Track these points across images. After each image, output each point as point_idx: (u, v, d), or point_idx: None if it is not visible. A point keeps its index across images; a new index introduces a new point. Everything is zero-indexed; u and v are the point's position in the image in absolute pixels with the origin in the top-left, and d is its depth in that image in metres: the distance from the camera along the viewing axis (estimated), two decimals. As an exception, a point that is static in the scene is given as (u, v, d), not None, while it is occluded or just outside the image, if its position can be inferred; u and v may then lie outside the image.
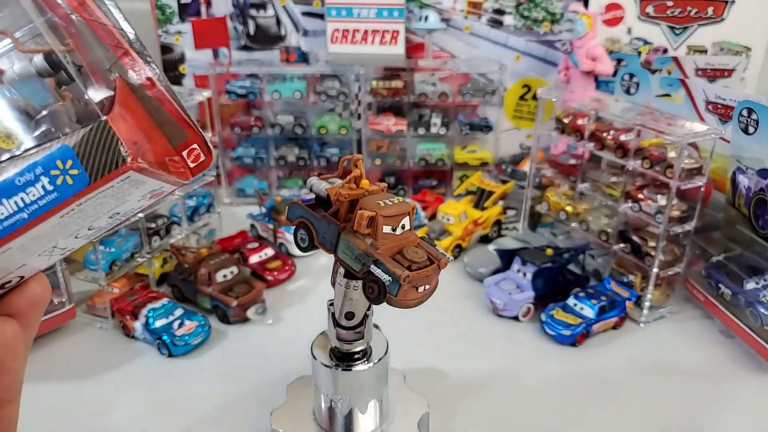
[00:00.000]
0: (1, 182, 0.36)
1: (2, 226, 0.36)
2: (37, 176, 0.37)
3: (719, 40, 1.38)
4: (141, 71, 0.43)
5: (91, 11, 0.43)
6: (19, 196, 0.36)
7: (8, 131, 0.39)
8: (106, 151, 0.38)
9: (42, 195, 0.37)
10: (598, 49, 1.32)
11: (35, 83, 0.40)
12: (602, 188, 1.10)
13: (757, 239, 0.97)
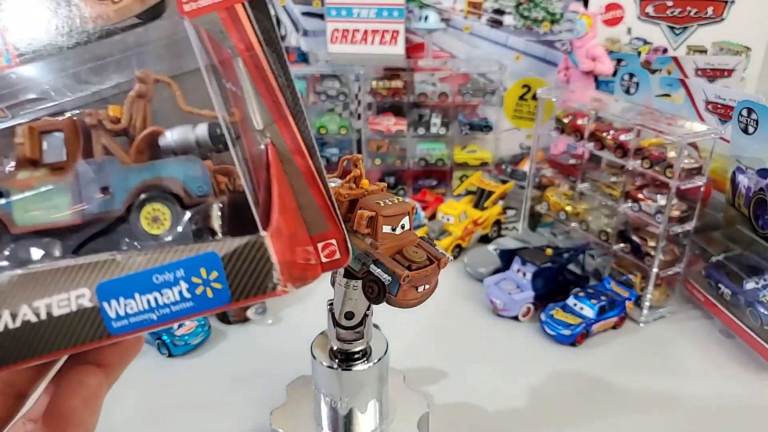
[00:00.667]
0: (138, 274, 0.33)
1: (128, 321, 0.34)
2: (176, 279, 0.34)
3: (719, 40, 1.38)
4: (294, 140, 0.40)
5: (257, 59, 0.40)
6: (153, 294, 0.33)
7: (157, 214, 0.37)
8: (256, 273, 0.34)
9: (176, 301, 0.34)
10: (598, 49, 1.32)
11: (195, 166, 0.37)
12: (602, 188, 1.10)
13: (756, 239, 0.97)
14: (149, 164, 0.37)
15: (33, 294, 0.33)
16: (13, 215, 0.36)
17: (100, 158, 0.37)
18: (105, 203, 0.36)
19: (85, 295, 0.33)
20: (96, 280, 0.33)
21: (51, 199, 0.36)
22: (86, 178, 0.36)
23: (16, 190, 0.36)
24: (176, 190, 0.36)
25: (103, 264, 0.33)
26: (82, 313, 0.33)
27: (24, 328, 0.33)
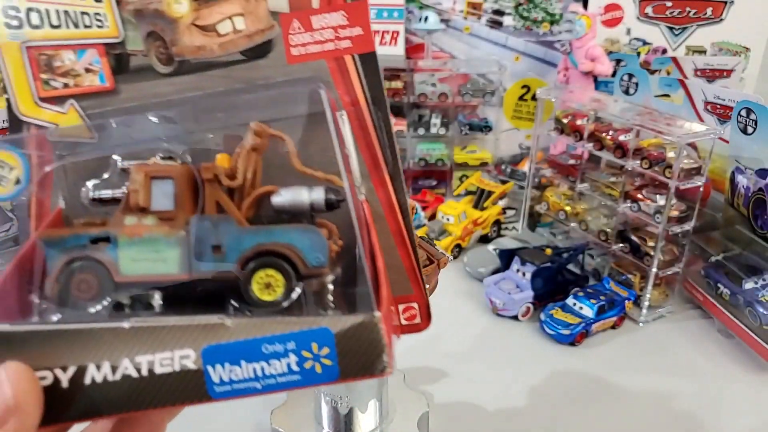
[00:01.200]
0: (247, 341, 0.33)
1: (231, 387, 0.33)
2: (286, 351, 0.33)
3: (718, 40, 1.38)
4: (389, 200, 0.40)
5: (362, 115, 0.41)
6: (260, 364, 0.33)
7: (270, 280, 0.36)
8: (368, 354, 0.34)
9: (283, 373, 0.33)
10: (597, 50, 1.32)
11: (314, 236, 0.36)
12: (601, 188, 1.10)
13: (755, 239, 0.97)
14: (266, 228, 0.36)
15: (136, 349, 0.33)
16: (119, 263, 0.35)
17: (214, 215, 0.36)
18: (216, 262, 0.35)
19: (189, 357, 0.33)
20: (202, 342, 0.33)
21: (160, 251, 0.35)
22: (199, 233, 0.36)
23: (124, 238, 0.36)
24: (292, 258, 0.36)
25: (211, 327, 0.33)
26: (184, 374, 0.33)
27: (123, 383, 0.32)
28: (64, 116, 0.40)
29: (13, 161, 0.36)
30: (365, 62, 0.41)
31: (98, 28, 0.41)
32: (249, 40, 0.41)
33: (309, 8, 0.40)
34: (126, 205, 0.37)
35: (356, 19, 0.40)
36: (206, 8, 0.41)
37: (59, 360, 0.32)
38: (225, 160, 0.37)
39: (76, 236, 0.35)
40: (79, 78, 0.41)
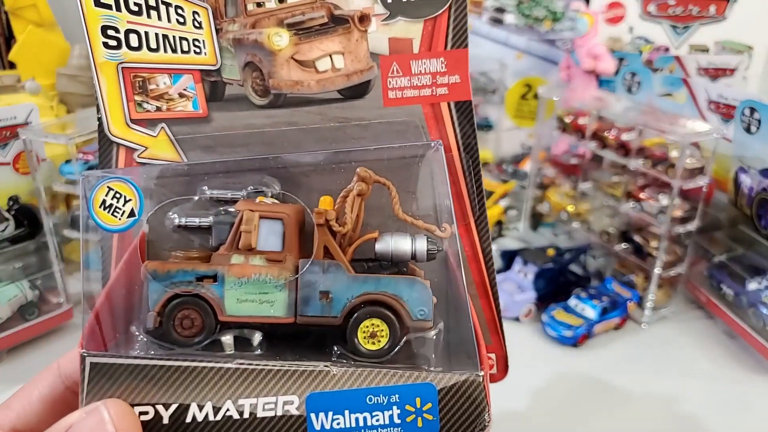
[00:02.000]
0: (352, 391, 0.33)
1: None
2: (389, 404, 0.34)
3: (721, 39, 1.37)
4: (473, 248, 0.40)
5: (452, 162, 0.41)
6: (363, 414, 0.33)
7: (376, 330, 0.36)
8: (470, 412, 0.35)
9: (385, 425, 0.34)
10: (600, 48, 1.31)
11: (421, 289, 0.37)
12: (604, 188, 1.09)
13: (759, 239, 0.96)
14: (375, 277, 0.36)
15: (240, 391, 0.33)
16: (224, 303, 0.35)
17: (325, 261, 0.36)
18: (323, 308, 0.36)
19: (293, 403, 0.33)
20: (307, 389, 0.33)
21: (267, 293, 0.36)
22: (309, 278, 0.36)
23: (231, 277, 0.36)
24: (398, 309, 0.36)
25: (317, 374, 0.33)
26: (286, 419, 0.33)
27: (224, 423, 0.33)
28: (154, 139, 0.41)
29: (129, 193, 0.36)
30: (460, 110, 0.41)
31: (196, 54, 0.41)
32: (347, 79, 0.41)
33: (410, 52, 0.41)
34: (233, 243, 0.36)
35: (455, 68, 0.41)
36: (306, 44, 0.41)
37: (162, 396, 0.33)
38: (329, 203, 0.38)
39: (184, 272, 0.36)
40: (172, 102, 0.41)
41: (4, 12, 1.28)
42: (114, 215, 0.37)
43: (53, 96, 1.14)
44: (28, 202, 0.89)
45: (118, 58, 0.40)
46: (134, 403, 0.33)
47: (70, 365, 0.39)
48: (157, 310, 0.35)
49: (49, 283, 0.92)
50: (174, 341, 0.35)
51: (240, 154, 0.41)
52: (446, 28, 0.41)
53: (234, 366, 0.33)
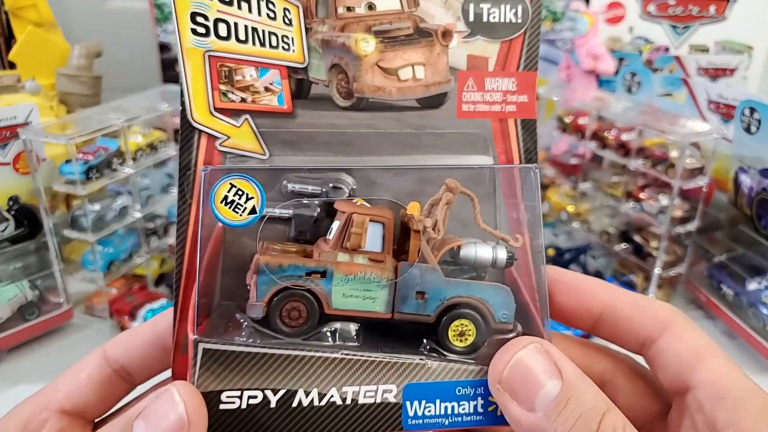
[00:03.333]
0: (444, 383, 0.37)
1: (422, 421, 0.37)
2: (475, 394, 0.38)
3: (721, 39, 1.37)
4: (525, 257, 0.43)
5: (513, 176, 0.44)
6: (451, 404, 0.37)
7: (464, 329, 0.40)
8: None
9: (469, 413, 0.38)
10: (600, 48, 1.31)
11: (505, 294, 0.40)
12: (604, 188, 1.09)
13: (759, 239, 0.96)
14: (465, 282, 0.40)
15: (344, 379, 0.36)
16: (331, 297, 0.38)
17: (422, 265, 0.39)
18: (418, 306, 0.39)
19: (392, 391, 0.37)
20: (405, 379, 0.37)
21: (371, 290, 0.39)
22: (407, 279, 0.39)
23: (339, 274, 0.38)
24: (485, 312, 0.40)
25: (414, 366, 0.37)
26: (384, 406, 0.37)
27: (327, 408, 0.36)
28: (237, 129, 0.41)
29: (251, 191, 0.37)
30: (525, 128, 0.44)
31: (284, 50, 0.41)
32: (425, 89, 0.44)
33: (485, 70, 0.44)
34: (340, 241, 0.39)
35: (524, 88, 0.44)
36: (391, 52, 0.43)
37: (271, 382, 0.36)
38: (417, 209, 0.41)
39: (295, 267, 0.38)
40: (257, 95, 0.41)
41: (4, 12, 1.28)
42: (235, 211, 0.37)
43: (53, 96, 1.14)
44: (28, 202, 0.89)
45: (206, 45, 0.40)
46: (243, 388, 0.35)
47: (115, 350, 0.41)
48: (266, 301, 0.37)
49: (49, 283, 0.92)
50: (279, 330, 0.38)
51: (321, 151, 0.42)
52: (520, 51, 0.44)
53: (339, 356, 0.36)
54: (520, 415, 0.34)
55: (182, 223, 0.40)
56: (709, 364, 0.38)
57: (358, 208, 0.40)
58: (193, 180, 0.40)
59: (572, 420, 0.33)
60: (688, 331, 0.40)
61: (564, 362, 0.36)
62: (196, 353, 0.35)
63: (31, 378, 0.85)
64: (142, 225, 1.03)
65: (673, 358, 0.39)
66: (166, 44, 1.47)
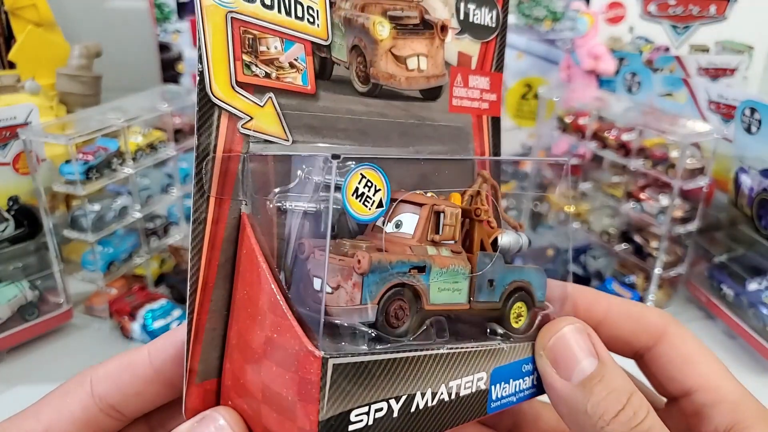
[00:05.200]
0: (516, 362, 0.39)
1: (500, 402, 0.38)
2: (532, 370, 0.40)
3: (722, 38, 1.37)
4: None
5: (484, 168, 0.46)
6: (518, 381, 0.39)
7: (520, 311, 0.41)
8: None
9: (528, 387, 0.40)
10: (600, 48, 1.31)
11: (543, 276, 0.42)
12: (604, 188, 1.09)
13: (759, 240, 0.96)
14: (519, 267, 0.41)
15: (450, 374, 0.36)
16: (429, 292, 0.37)
17: (490, 254, 0.40)
18: (489, 294, 0.40)
19: (483, 379, 0.37)
20: (491, 365, 0.38)
21: (458, 281, 0.38)
22: (483, 269, 0.40)
23: (436, 268, 0.37)
24: (532, 293, 0.42)
25: (494, 351, 0.38)
26: (477, 394, 0.37)
27: (438, 407, 0.35)
28: (261, 110, 0.37)
29: (379, 182, 0.34)
30: (494, 124, 0.47)
31: (309, 23, 0.38)
32: (427, 81, 0.44)
33: (469, 67, 0.46)
34: (425, 234, 0.38)
35: (495, 87, 0.47)
36: (402, 40, 0.43)
37: (394, 390, 0.33)
38: (458, 199, 0.42)
39: (402, 263, 0.36)
40: (282, 71, 0.37)
41: (4, 12, 1.28)
42: (365, 204, 0.34)
43: (53, 96, 1.14)
44: (27, 203, 0.88)
45: (229, 4, 0.35)
46: (371, 402, 0.32)
47: (103, 386, 0.37)
48: (377, 300, 0.35)
49: (48, 283, 0.92)
50: (388, 332, 0.36)
51: (340, 138, 0.40)
52: (493, 53, 0.47)
53: (446, 351, 0.36)
54: (557, 382, 0.37)
55: (198, 222, 0.35)
56: (703, 370, 0.40)
57: (435, 200, 0.39)
58: (212, 168, 0.35)
59: (604, 393, 0.35)
60: (681, 337, 0.42)
61: (601, 346, 0.38)
62: (325, 373, 0.30)
63: (31, 378, 0.85)
64: (142, 225, 1.03)
65: (667, 364, 0.41)
66: (166, 44, 1.47)
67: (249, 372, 0.34)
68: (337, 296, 0.34)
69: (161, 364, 0.37)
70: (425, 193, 0.41)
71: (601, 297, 0.44)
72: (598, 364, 0.37)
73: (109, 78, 1.19)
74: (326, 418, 0.30)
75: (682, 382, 0.40)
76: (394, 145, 0.43)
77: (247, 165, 0.36)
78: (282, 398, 0.32)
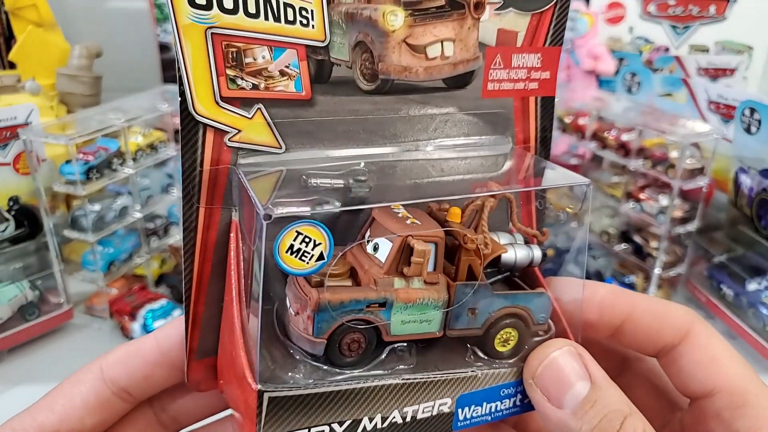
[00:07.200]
0: (491, 388, 0.38)
1: (470, 421, 0.38)
2: (515, 392, 0.39)
3: (721, 39, 1.37)
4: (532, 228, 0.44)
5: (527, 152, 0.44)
6: (496, 403, 0.39)
7: (508, 336, 0.40)
8: None
9: (509, 407, 0.39)
10: (600, 48, 1.31)
11: (544, 299, 0.40)
12: (604, 188, 1.09)
13: (759, 240, 0.96)
14: (512, 294, 0.40)
15: (405, 401, 0.36)
16: (390, 326, 0.37)
17: (473, 282, 0.38)
18: (469, 322, 0.39)
19: (446, 403, 0.37)
20: (458, 392, 0.37)
21: (427, 313, 0.37)
22: (462, 299, 0.38)
23: (399, 303, 0.37)
24: (527, 318, 0.40)
25: (466, 379, 0.37)
26: (438, 417, 0.37)
27: (389, 428, 0.36)
28: (249, 122, 0.35)
29: (319, 237, 0.33)
30: (544, 105, 0.43)
31: (302, 26, 0.35)
32: (453, 68, 0.40)
33: (513, 46, 0.41)
34: (395, 266, 0.37)
35: (548, 64, 0.42)
36: (421, 26, 0.38)
37: (337, 416, 0.35)
38: (457, 215, 0.39)
39: (357, 301, 0.36)
40: (271, 81, 0.35)
41: (4, 12, 1.28)
42: (302, 260, 0.33)
43: (53, 96, 1.14)
44: (28, 203, 0.89)
45: (208, 20, 0.32)
46: (311, 426, 0.34)
47: (114, 370, 0.39)
48: (326, 336, 0.36)
49: (49, 283, 0.93)
50: (337, 362, 0.37)
51: (342, 142, 0.38)
52: (549, 25, 0.41)
53: (400, 381, 0.36)
54: (549, 410, 0.36)
55: (189, 230, 0.36)
56: (727, 372, 0.39)
57: (409, 228, 0.37)
58: (200, 182, 0.35)
59: (597, 419, 0.35)
60: (706, 337, 0.40)
61: (594, 366, 0.37)
62: (261, 403, 0.33)
63: (31, 378, 0.85)
64: (143, 225, 1.03)
65: (691, 364, 0.40)
66: (166, 44, 1.47)
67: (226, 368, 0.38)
68: (298, 321, 0.36)
69: (168, 348, 0.39)
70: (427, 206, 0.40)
71: (626, 294, 0.43)
72: (591, 387, 0.35)
73: (109, 78, 1.19)
74: None
75: (705, 382, 0.39)
76: (407, 142, 0.40)
77: (234, 176, 0.36)
78: (240, 403, 0.35)
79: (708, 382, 0.38)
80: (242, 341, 0.34)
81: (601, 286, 0.44)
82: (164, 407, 0.42)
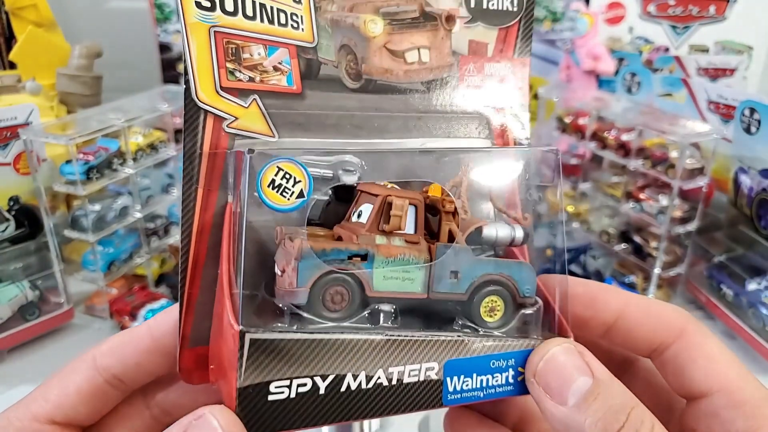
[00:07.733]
0: (480, 357, 0.38)
1: (460, 395, 0.38)
2: (507, 366, 0.39)
3: (721, 39, 1.37)
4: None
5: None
6: (487, 376, 0.38)
7: (494, 305, 0.40)
8: None
9: (502, 384, 0.39)
10: (600, 48, 1.31)
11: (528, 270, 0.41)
12: (604, 188, 1.09)
13: (759, 240, 0.96)
14: (494, 260, 0.41)
15: (390, 360, 0.36)
16: (372, 280, 0.38)
17: (455, 245, 0.40)
18: (452, 285, 0.39)
19: (434, 369, 0.37)
20: (445, 356, 0.37)
21: (409, 271, 0.39)
22: (443, 259, 0.39)
23: (380, 257, 0.38)
24: (511, 288, 0.41)
25: (453, 343, 0.37)
26: (426, 383, 0.37)
27: (374, 390, 0.36)
28: (245, 110, 0.39)
29: (299, 174, 0.36)
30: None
31: (293, 29, 0.40)
32: (429, 72, 0.44)
33: (484, 55, 0.45)
34: (376, 224, 0.39)
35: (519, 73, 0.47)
36: (398, 34, 0.43)
37: (320, 368, 0.35)
38: (438, 190, 0.41)
39: (338, 251, 0.37)
40: (266, 75, 0.40)
41: (4, 12, 1.28)
42: (283, 195, 0.36)
43: (53, 96, 1.14)
44: (28, 203, 0.89)
45: (211, 20, 0.38)
46: (293, 376, 0.35)
47: (107, 359, 0.40)
48: (309, 285, 0.37)
49: (49, 283, 0.93)
50: (321, 315, 0.37)
51: (330, 134, 0.42)
52: (515, 38, 0.46)
53: (384, 337, 0.36)
54: (552, 408, 0.36)
55: (188, 209, 0.38)
56: (724, 371, 0.38)
57: (390, 191, 0.40)
58: (200, 163, 0.38)
59: (601, 412, 0.34)
60: (701, 337, 0.40)
61: (594, 362, 0.37)
62: (242, 345, 0.33)
63: (31, 378, 0.85)
64: (143, 225, 1.03)
65: (687, 364, 0.40)
66: (166, 44, 1.47)
67: (215, 342, 0.39)
68: (283, 279, 0.37)
69: (161, 336, 0.40)
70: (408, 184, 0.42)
71: (618, 293, 0.43)
72: (593, 382, 0.35)
73: (109, 78, 1.20)
74: (244, 386, 0.33)
75: (701, 382, 0.39)
76: (392, 138, 0.43)
77: (230, 160, 0.39)
78: (224, 367, 0.36)
79: (705, 382, 0.38)
80: (228, 293, 0.36)
81: (593, 284, 0.44)
82: (158, 402, 0.42)
